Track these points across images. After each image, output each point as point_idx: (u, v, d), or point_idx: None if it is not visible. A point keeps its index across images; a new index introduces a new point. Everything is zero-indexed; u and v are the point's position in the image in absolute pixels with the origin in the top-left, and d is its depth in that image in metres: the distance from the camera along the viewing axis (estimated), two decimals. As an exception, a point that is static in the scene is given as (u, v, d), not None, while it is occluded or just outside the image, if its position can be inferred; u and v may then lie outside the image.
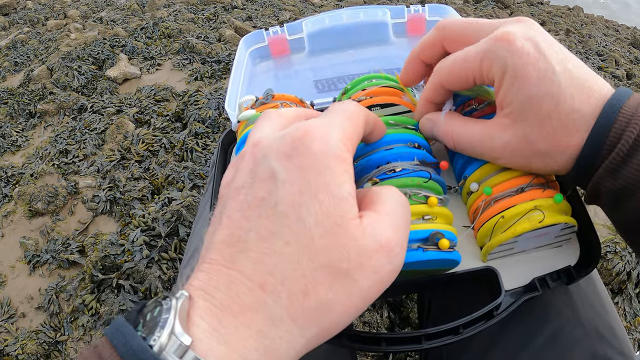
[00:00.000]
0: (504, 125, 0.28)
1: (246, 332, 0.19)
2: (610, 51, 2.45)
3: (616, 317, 0.37)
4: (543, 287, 0.31)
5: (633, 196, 0.25)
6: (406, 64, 0.35)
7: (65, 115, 1.74)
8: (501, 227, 0.30)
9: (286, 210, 0.20)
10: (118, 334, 0.19)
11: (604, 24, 3.41)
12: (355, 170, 0.32)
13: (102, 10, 2.83)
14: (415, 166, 0.30)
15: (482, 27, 0.30)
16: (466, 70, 0.29)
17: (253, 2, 2.70)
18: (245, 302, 0.19)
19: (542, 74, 0.26)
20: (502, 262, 0.33)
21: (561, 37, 2.60)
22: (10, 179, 1.49)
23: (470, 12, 2.78)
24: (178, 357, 0.18)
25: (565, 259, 0.33)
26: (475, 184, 0.32)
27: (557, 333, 0.34)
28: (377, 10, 0.60)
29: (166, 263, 1.13)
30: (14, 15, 2.93)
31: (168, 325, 0.18)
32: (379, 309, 1.05)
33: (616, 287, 1.15)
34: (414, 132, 0.33)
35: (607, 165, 0.25)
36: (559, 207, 0.30)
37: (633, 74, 2.21)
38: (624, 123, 0.25)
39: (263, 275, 0.20)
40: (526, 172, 0.30)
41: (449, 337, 0.29)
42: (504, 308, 0.30)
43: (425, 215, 0.29)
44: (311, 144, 0.22)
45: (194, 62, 1.96)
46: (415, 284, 0.32)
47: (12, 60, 2.19)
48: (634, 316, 1.15)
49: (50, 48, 2.23)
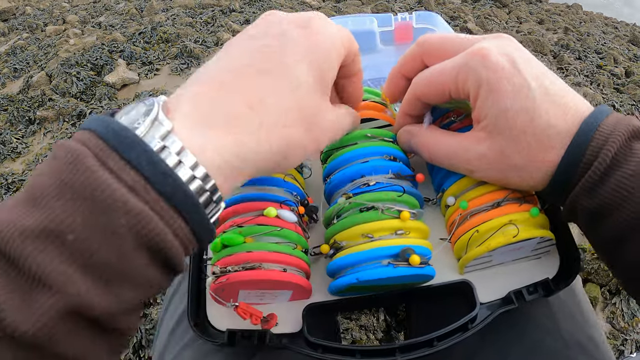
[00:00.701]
0: (479, 138, 0.29)
1: (226, 136, 0.22)
2: (609, 49, 2.44)
3: (598, 328, 0.37)
4: (519, 300, 0.31)
5: (610, 216, 0.25)
6: (388, 79, 0.35)
7: (64, 122, 1.75)
8: (476, 241, 0.30)
9: (286, 61, 0.25)
10: (95, 122, 0.20)
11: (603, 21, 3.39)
12: (331, 185, 0.33)
13: (100, 15, 2.85)
14: (389, 179, 0.31)
15: (460, 42, 0.30)
16: (442, 83, 0.29)
17: (251, 5, 2.71)
18: (231, 112, 0.23)
19: (517, 89, 0.26)
20: (479, 274, 0.33)
21: (559, 35, 2.59)
22: (10, 185, 1.51)
23: (468, 11, 2.77)
24: (160, 139, 0.20)
25: (544, 271, 0.33)
26: (452, 197, 0.33)
27: (537, 345, 0.34)
28: (365, 19, 0.60)
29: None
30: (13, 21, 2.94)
31: (152, 113, 0.20)
32: (375, 312, 1.05)
33: (613, 287, 1.15)
34: (391, 145, 0.33)
35: (583, 183, 0.25)
36: (535, 221, 0.31)
37: (632, 71, 2.20)
38: (601, 141, 0.25)
39: (252, 98, 0.23)
40: (503, 186, 0.31)
41: (423, 349, 0.29)
42: (479, 321, 0.30)
43: (398, 230, 0.29)
44: (324, 28, 0.27)
45: (192, 67, 1.96)
46: (391, 297, 0.32)
47: (12, 66, 2.20)
48: (631, 317, 1.15)
49: (49, 54, 2.24)
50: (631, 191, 0.24)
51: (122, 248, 0.18)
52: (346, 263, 0.29)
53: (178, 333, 0.39)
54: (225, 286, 0.29)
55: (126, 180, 0.18)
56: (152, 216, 0.19)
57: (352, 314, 1.03)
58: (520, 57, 0.27)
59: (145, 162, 0.19)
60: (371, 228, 0.29)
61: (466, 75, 0.28)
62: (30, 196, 0.19)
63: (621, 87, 1.99)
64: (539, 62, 0.28)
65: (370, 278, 0.28)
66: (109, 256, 0.18)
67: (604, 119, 0.26)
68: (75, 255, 0.18)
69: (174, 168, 0.20)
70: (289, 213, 0.31)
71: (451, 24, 2.42)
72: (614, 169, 0.24)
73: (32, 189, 0.19)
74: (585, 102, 0.27)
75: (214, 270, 0.30)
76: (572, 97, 0.27)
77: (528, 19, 2.91)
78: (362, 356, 0.29)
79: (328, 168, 0.34)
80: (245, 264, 0.29)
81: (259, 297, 0.32)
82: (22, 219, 0.18)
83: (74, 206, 0.18)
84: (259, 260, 0.29)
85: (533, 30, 2.58)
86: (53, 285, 0.18)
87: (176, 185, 0.19)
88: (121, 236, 0.18)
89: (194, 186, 0.20)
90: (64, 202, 0.18)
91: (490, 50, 0.27)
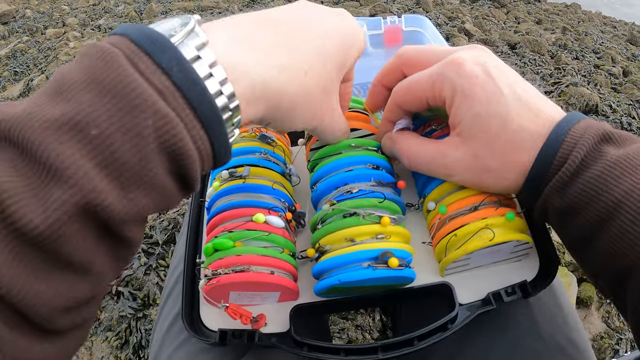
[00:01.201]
0: (455, 143, 0.30)
1: (256, 63, 0.23)
2: (606, 48, 2.45)
3: (579, 330, 0.38)
4: (497, 301, 0.33)
5: (578, 215, 0.26)
6: (370, 89, 0.37)
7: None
8: (454, 245, 0.32)
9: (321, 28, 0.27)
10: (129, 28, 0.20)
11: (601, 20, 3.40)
12: (316, 194, 0.34)
13: (100, 18, 2.86)
14: (371, 187, 0.32)
15: (437, 53, 0.32)
16: (419, 91, 0.31)
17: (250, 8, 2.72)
18: (263, 43, 0.24)
19: (490, 95, 0.28)
20: (460, 276, 0.35)
21: (557, 35, 2.60)
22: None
23: (466, 12, 2.78)
24: (195, 49, 0.20)
25: (523, 273, 0.35)
26: (432, 202, 0.34)
27: (517, 346, 0.35)
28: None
29: (163, 270, 1.15)
30: (13, 24, 2.96)
31: (189, 25, 0.21)
32: (371, 312, 1.07)
33: (608, 287, 1.16)
34: (374, 154, 0.35)
35: (554, 184, 0.27)
36: (511, 224, 0.32)
37: (629, 71, 2.20)
38: (572, 144, 0.26)
39: (284, 40, 0.25)
40: (480, 190, 0.32)
41: (404, 348, 0.30)
42: (459, 321, 0.32)
43: (378, 235, 0.31)
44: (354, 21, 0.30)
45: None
46: (375, 298, 0.34)
47: (12, 69, 2.22)
48: (626, 315, 1.16)
49: (49, 57, 2.26)
50: (597, 191, 0.25)
51: (144, 149, 0.18)
52: (329, 265, 0.31)
53: (172, 334, 0.40)
54: (217, 288, 0.31)
55: (156, 83, 0.18)
56: (177, 121, 0.19)
57: (348, 314, 1.05)
58: (494, 67, 0.29)
59: (176, 68, 0.19)
60: (353, 233, 0.31)
61: (442, 84, 0.29)
62: (56, 88, 0.18)
63: (619, 87, 1.99)
64: (513, 71, 0.30)
65: (351, 280, 0.29)
66: (130, 156, 0.18)
67: (575, 123, 0.27)
68: (97, 150, 0.18)
69: (204, 79, 0.20)
70: (276, 219, 0.33)
71: (449, 24, 2.43)
72: (583, 170, 0.25)
73: (58, 82, 0.18)
74: (557, 108, 0.29)
75: (206, 272, 0.32)
76: (544, 103, 0.28)
77: (526, 19, 2.92)
78: (346, 354, 0.30)
79: (315, 176, 0.35)
80: (235, 266, 0.31)
81: (249, 299, 0.34)
82: (45, 110, 0.17)
83: (102, 101, 0.18)
84: (248, 263, 0.31)
85: (531, 31, 2.59)
86: (70, 179, 0.17)
87: (204, 96, 0.20)
88: (145, 137, 0.18)
89: (220, 102, 0.20)
90: (92, 96, 0.18)
91: (465, 60, 0.29)
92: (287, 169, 0.38)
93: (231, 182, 0.35)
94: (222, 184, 0.35)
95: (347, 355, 0.30)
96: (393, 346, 0.30)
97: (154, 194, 0.19)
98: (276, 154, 0.37)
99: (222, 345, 0.33)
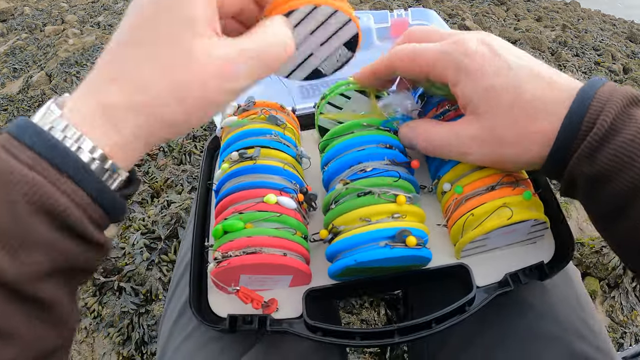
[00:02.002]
0: (469, 120, 0.29)
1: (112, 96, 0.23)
2: (606, 46, 2.45)
3: (594, 315, 0.37)
4: (515, 282, 0.32)
5: (610, 182, 0.25)
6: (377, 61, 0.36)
7: (64, 121, 1.76)
8: (471, 225, 0.31)
9: None
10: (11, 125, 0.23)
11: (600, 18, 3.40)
12: (328, 174, 0.33)
13: (99, 15, 2.85)
14: (385, 165, 0.31)
15: (444, 34, 0.31)
16: (423, 65, 0.30)
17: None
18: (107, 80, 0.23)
19: (498, 69, 0.27)
20: (476, 259, 0.34)
21: (557, 32, 2.60)
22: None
23: (466, 9, 2.78)
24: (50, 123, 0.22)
25: (539, 255, 0.34)
26: (447, 184, 0.33)
27: (534, 329, 0.35)
28: (362, 15, 0.61)
29: (166, 265, 1.14)
30: (12, 22, 2.95)
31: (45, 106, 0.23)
32: (376, 307, 1.06)
33: (612, 281, 1.16)
34: (386, 133, 0.34)
35: (582, 150, 0.25)
36: (529, 203, 0.31)
37: (630, 68, 2.20)
38: (599, 108, 0.25)
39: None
40: (501, 168, 0.31)
41: (422, 331, 0.29)
42: (477, 303, 0.31)
43: (394, 214, 0.30)
44: None
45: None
46: (390, 280, 0.33)
47: (11, 66, 2.21)
48: (630, 310, 1.15)
49: (48, 54, 2.25)
50: (632, 156, 0.24)
51: (18, 213, 0.20)
52: (344, 246, 0.30)
53: (180, 324, 0.40)
54: (227, 270, 0.30)
55: (23, 158, 0.21)
56: (44, 182, 0.21)
57: (353, 309, 1.04)
58: (500, 46, 0.28)
59: (38, 142, 0.22)
60: (368, 212, 0.30)
61: (446, 63, 0.29)
62: None
63: (619, 84, 1.99)
64: (520, 50, 0.29)
65: (368, 259, 0.28)
66: (8, 222, 0.20)
67: (600, 87, 0.26)
68: None
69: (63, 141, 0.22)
70: (288, 200, 0.32)
71: (449, 21, 2.43)
72: (613, 135, 0.24)
73: None
74: (573, 79, 0.28)
75: (216, 255, 0.31)
76: (557, 74, 0.28)
77: (526, 17, 2.92)
78: (361, 338, 0.30)
79: (326, 157, 0.34)
80: (246, 248, 0.30)
81: (259, 283, 0.33)
82: None
83: None
84: (260, 245, 0.30)
85: (531, 28, 2.59)
86: None
87: (67, 155, 0.22)
88: (16, 203, 0.20)
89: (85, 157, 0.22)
90: None
91: (471, 40, 0.29)
92: (298, 150, 0.37)
93: (241, 163, 0.34)
94: (231, 165, 0.34)
95: (363, 339, 0.29)
96: (410, 329, 0.29)
97: (45, 250, 0.21)
98: (287, 136, 0.37)
99: (232, 332, 0.32)
